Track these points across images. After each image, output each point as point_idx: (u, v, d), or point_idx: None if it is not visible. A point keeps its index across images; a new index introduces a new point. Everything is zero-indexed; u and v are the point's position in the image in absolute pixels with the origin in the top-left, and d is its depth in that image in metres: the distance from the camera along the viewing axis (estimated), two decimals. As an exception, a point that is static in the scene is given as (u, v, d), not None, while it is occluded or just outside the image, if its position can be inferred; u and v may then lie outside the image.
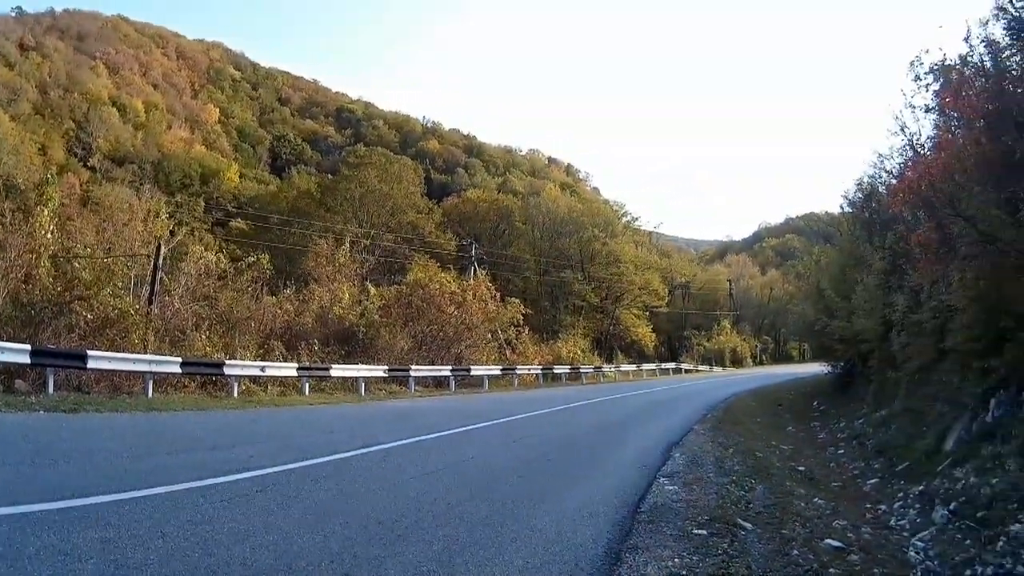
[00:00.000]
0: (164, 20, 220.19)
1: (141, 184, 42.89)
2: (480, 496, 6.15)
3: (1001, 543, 5.53)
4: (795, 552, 5.35)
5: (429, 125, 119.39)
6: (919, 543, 6.10)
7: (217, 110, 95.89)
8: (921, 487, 8.15)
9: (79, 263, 17.54)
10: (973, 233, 8.27)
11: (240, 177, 76.49)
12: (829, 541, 5.77)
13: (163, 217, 26.07)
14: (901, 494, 8.29)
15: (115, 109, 77.10)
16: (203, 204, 57.75)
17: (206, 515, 4.93)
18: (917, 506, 7.56)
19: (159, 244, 20.59)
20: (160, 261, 19.98)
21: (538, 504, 5.99)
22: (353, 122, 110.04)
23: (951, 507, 6.85)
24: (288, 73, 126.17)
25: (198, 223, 44.35)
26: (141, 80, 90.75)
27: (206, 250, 24.40)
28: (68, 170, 58.13)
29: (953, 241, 8.99)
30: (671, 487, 7.26)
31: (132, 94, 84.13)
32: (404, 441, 9.31)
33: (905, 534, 6.60)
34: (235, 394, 16.27)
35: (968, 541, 5.89)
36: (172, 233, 25.26)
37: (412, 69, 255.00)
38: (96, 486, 5.46)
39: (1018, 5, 7.76)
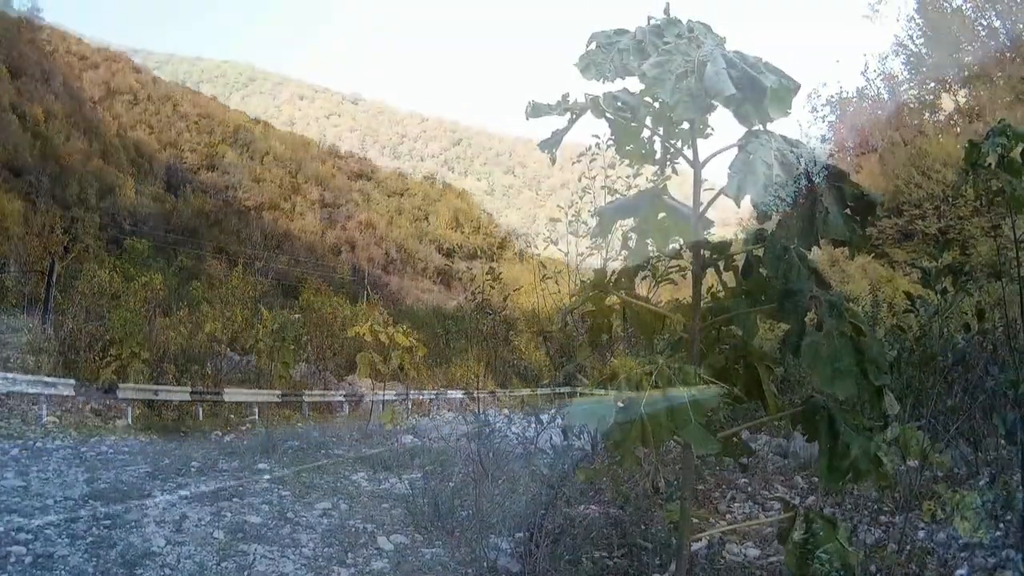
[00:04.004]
0: (70, 23, 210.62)
1: (37, 197, 40.07)
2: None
3: None
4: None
5: (324, 147, 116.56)
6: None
7: (116, 122, 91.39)
8: None
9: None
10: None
11: (136, 193, 72.90)
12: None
13: (58, 232, 24.87)
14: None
15: (15, 116, 72.34)
16: (99, 220, 54.70)
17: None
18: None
19: (53, 261, 19.60)
20: (54, 278, 19.11)
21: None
22: (250, 140, 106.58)
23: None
24: (187, 87, 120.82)
25: (93, 240, 42.18)
26: (43, 87, 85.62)
27: (100, 268, 23.02)
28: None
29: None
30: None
31: (33, 100, 79.20)
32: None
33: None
34: (129, 420, 15.31)
35: None
36: (67, 249, 23.96)
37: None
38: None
39: (918, 42, 8.22)
